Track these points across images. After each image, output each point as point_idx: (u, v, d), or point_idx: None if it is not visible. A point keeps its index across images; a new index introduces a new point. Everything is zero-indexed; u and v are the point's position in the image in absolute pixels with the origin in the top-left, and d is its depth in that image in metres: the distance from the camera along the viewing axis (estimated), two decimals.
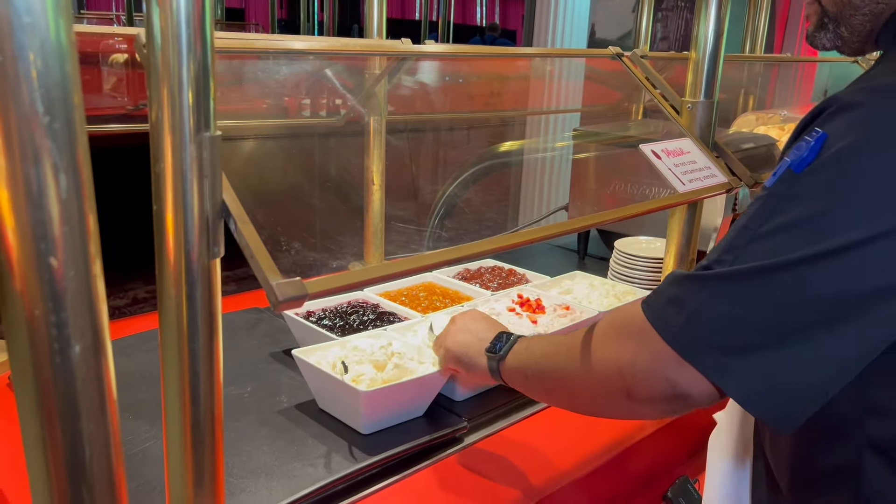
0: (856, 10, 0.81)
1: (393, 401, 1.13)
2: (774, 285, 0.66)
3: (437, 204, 2.52)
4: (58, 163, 0.41)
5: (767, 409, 0.67)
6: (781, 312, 0.66)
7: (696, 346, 0.69)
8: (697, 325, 0.68)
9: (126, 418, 1.15)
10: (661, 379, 0.71)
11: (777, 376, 0.66)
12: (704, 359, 0.68)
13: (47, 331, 0.43)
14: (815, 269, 0.64)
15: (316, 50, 1.30)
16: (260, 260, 0.67)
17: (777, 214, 0.67)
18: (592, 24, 4.86)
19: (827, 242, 0.64)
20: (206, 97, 0.62)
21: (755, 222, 0.69)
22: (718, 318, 0.68)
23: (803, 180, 0.66)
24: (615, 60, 1.49)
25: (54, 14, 0.41)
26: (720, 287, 0.68)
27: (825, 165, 0.65)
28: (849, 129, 0.66)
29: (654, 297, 0.75)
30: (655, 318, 0.72)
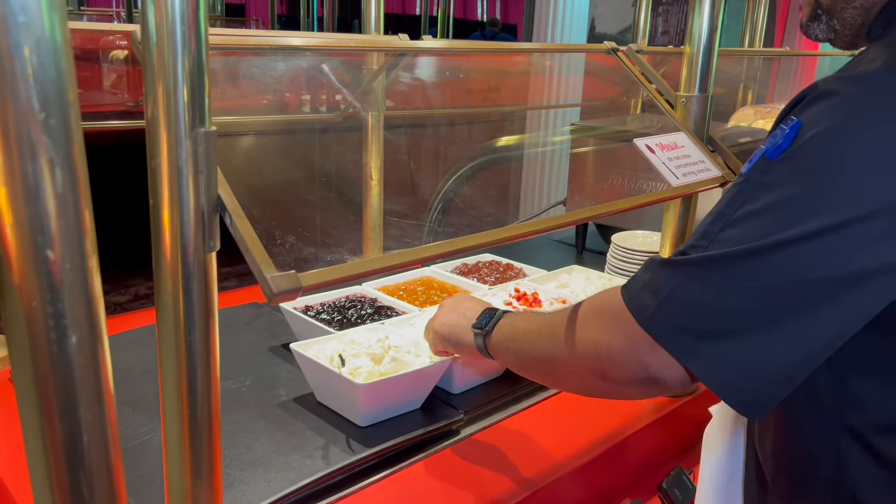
0: (847, 4, 0.81)
1: (390, 393, 1.14)
2: (744, 271, 0.67)
3: (435, 199, 2.53)
4: (54, 158, 0.42)
5: (735, 394, 0.69)
6: (750, 298, 0.67)
7: (667, 330, 0.70)
8: (670, 310, 0.70)
9: (126, 412, 1.17)
10: (634, 362, 0.73)
11: (745, 361, 0.67)
12: (675, 342, 0.70)
13: (45, 322, 0.44)
14: (783, 255, 0.65)
15: (312, 46, 1.31)
16: (255, 253, 0.68)
17: (750, 201, 0.68)
18: (592, 18, 4.86)
19: (795, 229, 0.64)
20: (200, 93, 0.63)
21: (729, 208, 0.70)
22: (690, 303, 0.69)
23: (776, 167, 0.67)
24: (610, 56, 1.50)
25: (49, 12, 0.42)
26: (692, 272, 0.70)
27: (798, 153, 0.66)
28: (823, 117, 0.66)
29: (632, 282, 0.76)
30: (631, 302, 0.74)
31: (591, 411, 1.31)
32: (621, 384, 0.77)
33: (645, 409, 1.33)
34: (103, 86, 4.04)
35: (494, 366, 1.29)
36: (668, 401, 1.36)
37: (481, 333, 1.00)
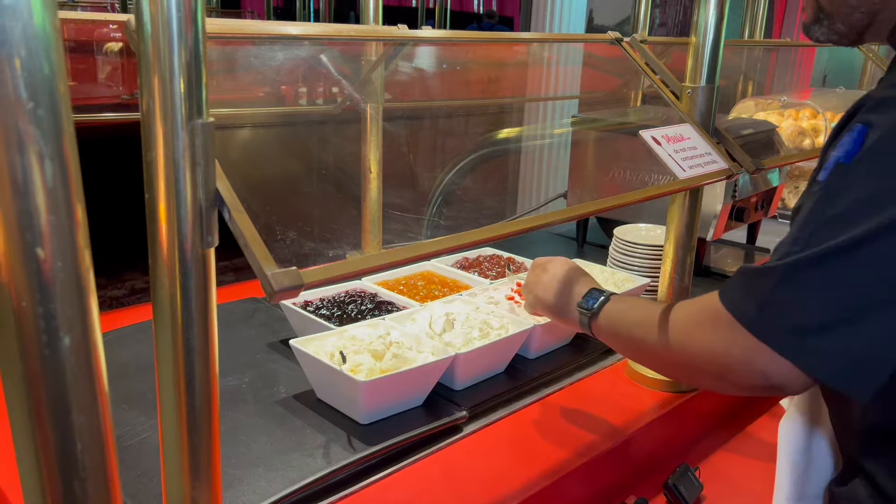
0: (853, 9, 0.86)
1: (392, 390, 1.12)
2: (838, 266, 0.72)
3: (434, 192, 2.51)
4: (43, 150, 0.39)
5: (845, 382, 0.74)
6: (847, 290, 0.72)
7: (773, 332, 0.75)
8: (773, 313, 0.75)
9: (122, 409, 1.15)
10: (753, 371, 0.77)
11: (850, 351, 0.72)
12: (782, 343, 0.74)
13: (35, 323, 0.41)
14: (872, 245, 0.70)
15: (311, 35, 1.28)
16: (255, 249, 0.66)
17: (836, 202, 0.74)
18: (590, 10, 4.83)
19: (882, 216, 0.69)
20: (197, 83, 0.61)
21: (816, 213, 0.75)
22: (791, 304, 0.74)
23: (853, 169, 0.73)
24: (614, 46, 1.47)
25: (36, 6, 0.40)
26: (790, 274, 0.75)
27: (869, 153, 0.72)
28: (886, 119, 0.72)
29: (730, 290, 0.81)
30: (734, 309, 0.79)
31: (595, 408, 1.29)
32: (741, 388, 0.82)
33: (650, 405, 1.32)
34: (98, 78, 4.00)
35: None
36: (673, 396, 1.34)
37: (587, 314, 1.06)
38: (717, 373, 0.82)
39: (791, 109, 2.60)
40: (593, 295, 1.07)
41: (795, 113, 2.58)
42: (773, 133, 1.96)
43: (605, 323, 1.04)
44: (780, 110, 2.61)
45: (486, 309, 1.38)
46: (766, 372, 0.76)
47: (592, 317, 1.05)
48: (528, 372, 1.35)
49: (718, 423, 1.48)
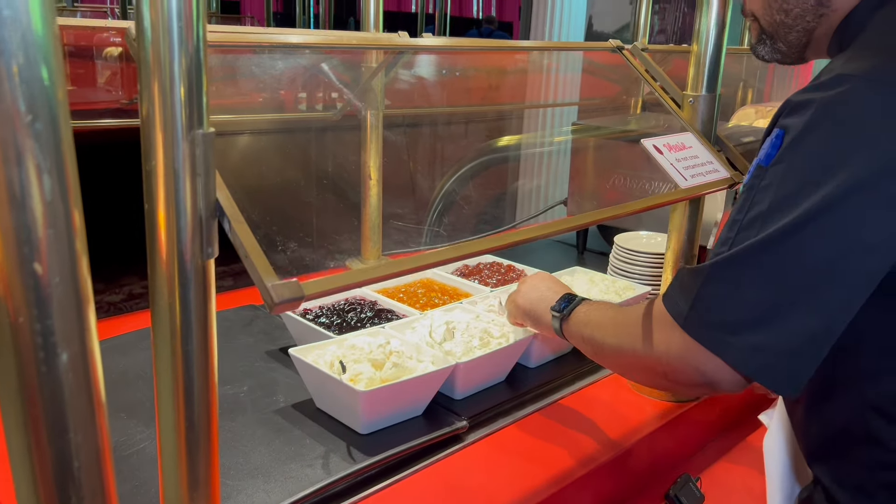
0: (790, 29, 0.93)
1: (392, 400, 1.12)
2: (758, 263, 0.76)
3: (435, 199, 2.50)
4: (41, 164, 0.39)
5: (770, 377, 0.77)
6: (768, 286, 0.75)
7: (700, 327, 0.79)
8: (700, 309, 0.79)
9: (121, 418, 1.14)
10: (691, 368, 0.80)
11: (773, 345, 0.75)
12: (708, 338, 0.78)
13: (32, 339, 0.41)
14: (788, 242, 0.74)
15: (312, 44, 1.28)
16: (255, 260, 0.65)
17: (755, 204, 0.78)
18: (590, 16, 4.83)
19: (793, 216, 0.74)
20: (198, 93, 0.60)
21: (740, 214, 0.79)
22: (715, 301, 0.78)
23: (770, 171, 0.78)
24: (615, 54, 1.47)
25: (37, 7, 0.39)
26: (713, 273, 0.79)
27: (784, 155, 0.77)
28: (799, 122, 0.76)
29: (668, 290, 0.85)
30: (670, 308, 0.83)
31: (596, 418, 1.28)
32: (682, 385, 0.86)
33: (651, 415, 1.31)
34: (97, 82, 4.00)
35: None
36: (674, 406, 1.34)
37: (558, 317, 1.09)
38: (662, 372, 0.85)
39: None
40: (566, 299, 1.10)
41: None
42: None
43: (573, 326, 1.06)
44: None
45: (486, 317, 1.37)
46: (700, 369, 0.79)
47: (563, 319, 1.08)
48: (529, 381, 1.34)
49: (720, 432, 1.47)
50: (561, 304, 1.10)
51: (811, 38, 0.93)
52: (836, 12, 0.89)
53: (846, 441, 0.86)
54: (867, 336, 0.81)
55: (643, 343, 0.87)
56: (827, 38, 0.92)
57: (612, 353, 0.97)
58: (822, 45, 0.93)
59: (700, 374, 0.80)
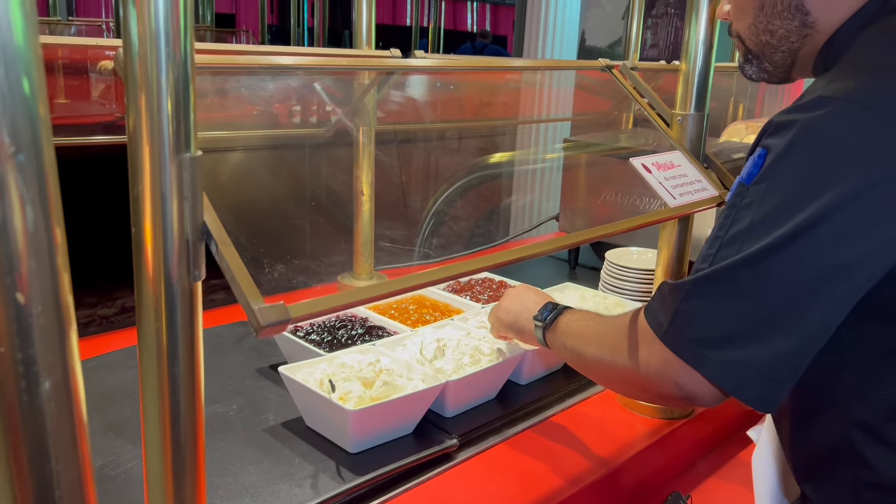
0: (775, 49, 0.95)
1: (381, 419, 1.11)
2: (737, 280, 0.77)
3: (427, 214, 2.51)
4: (24, 195, 0.39)
5: (747, 392, 0.78)
6: (745, 302, 0.77)
7: (680, 341, 0.80)
8: (680, 324, 0.80)
9: (108, 437, 1.13)
10: (668, 381, 0.82)
11: (749, 360, 0.76)
12: (687, 352, 0.79)
13: (14, 369, 0.41)
14: (767, 260, 0.75)
15: (301, 66, 1.29)
16: (241, 283, 0.65)
17: (736, 222, 0.79)
18: (583, 31, 4.87)
19: (774, 235, 0.75)
20: (186, 116, 0.60)
21: (721, 231, 0.80)
22: (694, 316, 0.79)
23: (752, 190, 0.79)
24: (605, 73, 1.48)
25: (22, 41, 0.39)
26: (693, 289, 0.80)
27: (766, 174, 0.78)
28: (781, 142, 0.78)
29: (650, 304, 0.87)
30: (651, 321, 0.84)
31: (586, 435, 1.28)
32: (661, 398, 0.88)
33: (641, 432, 1.31)
34: (91, 97, 3.99)
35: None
36: (664, 423, 1.34)
37: (541, 326, 1.09)
38: (641, 384, 0.86)
39: None
40: (547, 307, 1.11)
41: None
42: None
43: (556, 335, 1.07)
44: None
45: (477, 334, 1.37)
46: (678, 382, 0.81)
47: (546, 328, 1.08)
48: (520, 398, 1.34)
49: (710, 449, 1.47)
50: (543, 312, 1.10)
51: (796, 59, 0.95)
52: (821, 33, 0.91)
53: (833, 460, 0.86)
54: (850, 354, 0.81)
55: (623, 355, 0.88)
56: (812, 57, 0.94)
57: (594, 363, 0.98)
58: (807, 64, 0.95)
59: (678, 387, 0.81)
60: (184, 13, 0.58)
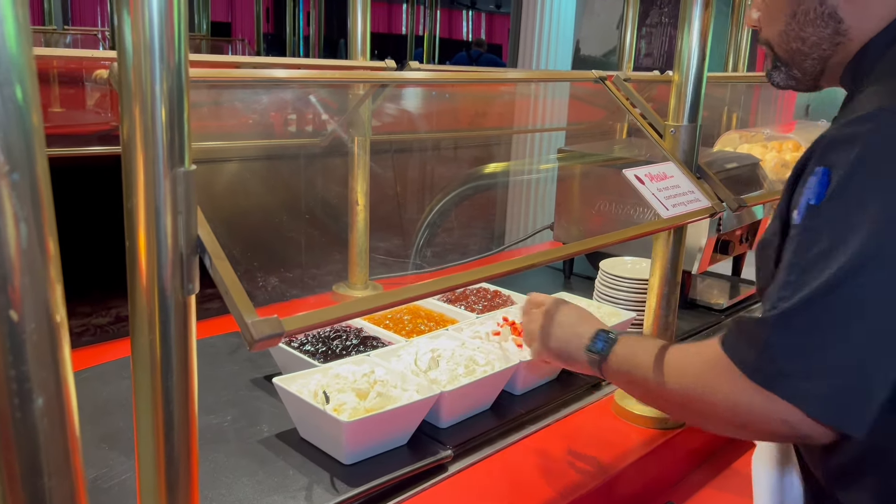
0: (805, 57, 0.94)
1: (375, 430, 1.11)
2: (825, 307, 0.74)
3: (422, 224, 2.51)
4: (18, 213, 0.39)
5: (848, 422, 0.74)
6: (841, 330, 0.73)
7: (775, 378, 0.76)
8: (771, 359, 0.76)
9: (102, 449, 1.13)
10: (777, 421, 0.77)
11: (849, 390, 0.73)
12: (785, 389, 0.75)
13: (7, 385, 0.41)
14: (854, 281, 0.73)
15: (295, 79, 1.29)
16: (235, 297, 0.66)
17: (813, 245, 0.76)
18: (577, 40, 4.89)
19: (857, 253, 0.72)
20: (180, 129, 0.61)
21: (799, 256, 0.78)
22: (786, 349, 0.76)
23: (823, 210, 0.77)
24: (598, 84, 1.49)
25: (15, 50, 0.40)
26: (782, 321, 0.76)
27: (835, 193, 0.76)
28: (844, 158, 0.76)
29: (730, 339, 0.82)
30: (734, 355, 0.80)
31: (581, 445, 1.29)
32: (769, 437, 0.87)
33: (636, 442, 1.31)
34: (86, 106, 4.00)
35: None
36: (659, 433, 1.34)
37: (597, 359, 1.04)
38: (740, 424, 0.82)
39: (774, 142, 2.63)
40: (600, 337, 1.05)
41: (779, 145, 2.61)
42: (757, 167, 1.98)
43: (615, 367, 1.02)
44: (763, 143, 2.64)
45: (471, 344, 1.38)
46: (788, 421, 0.76)
47: (602, 360, 1.03)
48: (515, 409, 1.34)
49: (705, 459, 1.47)
50: (597, 343, 1.05)
51: (826, 66, 0.94)
52: (853, 41, 0.90)
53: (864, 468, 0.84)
54: None
55: (717, 394, 0.83)
56: (841, 66, 0.93)
57: (676, 397, 0.92)
58: (836, 73, 0.95)
59: (788, 425, 0.77)
60: (178, 22, 0.59)
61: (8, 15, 0.40)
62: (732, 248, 1.89)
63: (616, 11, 4.65)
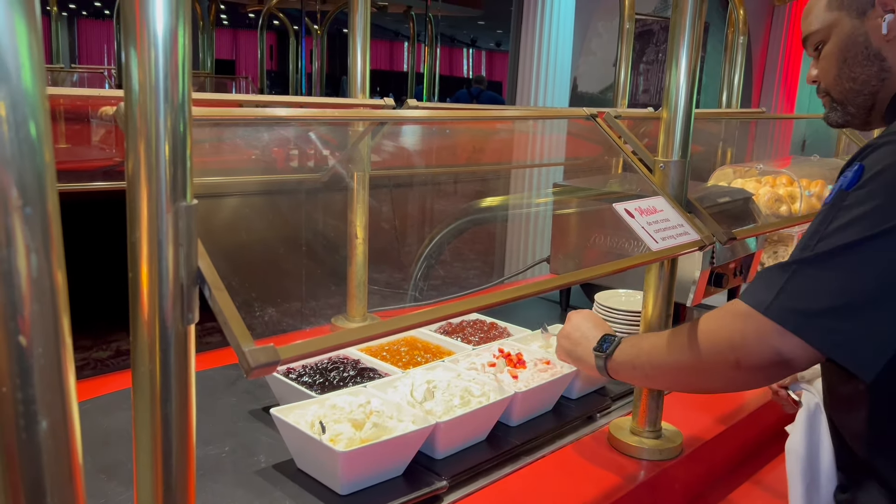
0: (857, 94, 1.11)
1: (371, 461, 1.13)
2: (840, 262, 0.90)
3: (419, 257, 2.54)
4: (30, 244, 0.42)
5: (845, 356, 0.89)
6: (848, 282, 0.89)
7: (784, 312, 0.91)
8: (784, 298, 0.92)
9: (100, 479, 1.14)
10: (767, 347, 0.92)
11: (851, 331, 0.89)
12: (790, 321, 0.90)
13: (14, 407, 0.43)
14: (868, 246, 0.89)
15: (296, 118, 1.33)
16: (233, 326, 0.68)
17: (837, 218, 0.92)
18: (574, 77, 4.98)
19: (875, 227, 0.88)
20: (182, 168, 0.64)
21: (822, 226, 0.93)
22: (799, 290, 0.92)
23: (853, 194, 0.93)
24: (590, 121, 1.53)
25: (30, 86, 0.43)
26: (800, 268, 0.93)
27: (867, 182, 0.92)
28: (881, 158, 0.93)
29: (750, 288, 0.97)
30: (753, 300, 0.94)
31: (576, 477, 1.29)
32: (755, 370, 0.95)
33: (630, 474, 1.32)
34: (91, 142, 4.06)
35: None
36: (653, 464, 1.34)
37: (602, 357, 1.21)
38: (735, 360, 0.96)
39: (768, 177, 2.67)
40: (607, 339, 1.22)
41: (773, 180, 2.65)
42: (749, 201, 2.02)
43: (620, 361, 1.18)
44: (757, 177, 2.68)
45: (467, 376, 1.39)
46: (778, 348, 0.91)
47: (607, 358, 1.20)
48: (510, 440, 1.35)
49: (701, 491, 1.48)
50: (603, 344, 1.22)
51: (875, 101, 1.10)
52: (895, 76, 1.07)
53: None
54: None
55: (711, 342, 0.99)
56: (887, 100, 1.09)
57: (673, 368, 1.07)
58: (883, 106, 1.10)
59: (776, 352, 0.91)
60: (182, 63, 0.62)
61: (24, 54, 0.43)
62: (726, 280, 1.92)
63: (612, 49, 4.73)
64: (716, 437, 1.48)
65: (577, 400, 1.54)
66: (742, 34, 3.06)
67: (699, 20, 1.26)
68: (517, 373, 1.44)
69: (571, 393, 1.53)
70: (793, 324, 0.90)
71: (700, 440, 1.45)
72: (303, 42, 7.61)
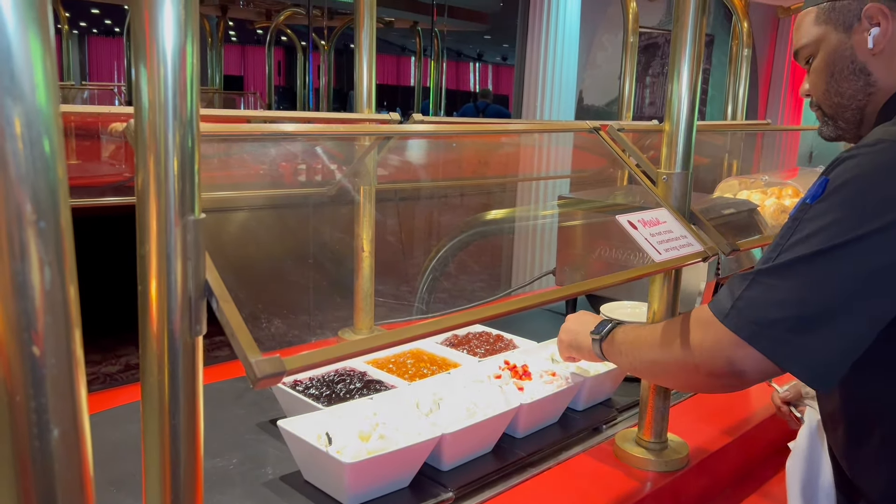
0: (845, 108, 1.13)
1: (377, 472, 1.13)
2: (796, 274, 0.91)
3: (426, 269, 2.55)
4: (44, 257, 0.43)
5: (800, 367, 0.90)
6: (800, 293, 0.90)
7: (740, 321, 0.92)
8: (742, 307, 0.93)
9: (110, 492, 1.15)
10: (721, 357, 0.94)
11: (800, 340, 0.89)
12: (745, 330, 0.91)
13: (27, 416, 0.44)
14: (824, 260, 0.89)
15: (302, 133, 1.35)
16: (240, 338, 0.69)
17: (798, 231, 0.93)
18: (580, 90, 5.01)
19: (833, 240, 0.89)
20: (191, 183, 0.65)
21: (783, 238, 0.95)
22: (756, 301, 0.92)
23: (815, 207, 0.93)
24: (593, 134, 1.55)
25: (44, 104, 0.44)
26: (757, 278, 0.94)
27: (830, 195, 0.93)
28: (844, 172, 0.93)
29: (717, 295, 0.98)
30: (714, 307, 0.97)
31: (582, 488, 1.29)
32: (712, 377, 0.97)
33: (636, 485, 1.32)
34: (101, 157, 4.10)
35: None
36: (659, 476, 1.35)
37: (598, 339, 1.25)
38: (694, 365, 0.98)
39: (774, 188, 2.67)
40: (603, 323, 1.26)
41: (778, 191, 2.66)
42: (754, 212, 2.02)
43: (612, 343, 1.21)
44: (763, 189, 2.69)
45: (473, 388, 1.40)
46: (731, 359, 0.93)
47: (602, 340, 1.23)
48: (516, 451, 1.36)
49: (706, 503, 1.47)
50: (600, 328, 1.25)
51: (864, 116, 1.12)
52: (881, 91, 1.09)
53: None
54: None
55: (677, 345, 1.01)
56: (875, 115, 1.10)
57: (649, 362, 1.12)
58: (871, 121, 1.11)
59: (729, 362, 0.93)
60: (190, 80, 0.64)
61: (39, 73, 0.45)
62: None
63: (617, 63, 4.76)
64: (722, 448, 1.48)
65: (583, 411, 1.54)
66: (747, 46, 3.08)
67: (700, 33, 1.27)
68: (523, 384, 1.45)
69: (577, 404, 1.54)
70: (747, 332, 0.91)
71: (706, 452, 1.45)
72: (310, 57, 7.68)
